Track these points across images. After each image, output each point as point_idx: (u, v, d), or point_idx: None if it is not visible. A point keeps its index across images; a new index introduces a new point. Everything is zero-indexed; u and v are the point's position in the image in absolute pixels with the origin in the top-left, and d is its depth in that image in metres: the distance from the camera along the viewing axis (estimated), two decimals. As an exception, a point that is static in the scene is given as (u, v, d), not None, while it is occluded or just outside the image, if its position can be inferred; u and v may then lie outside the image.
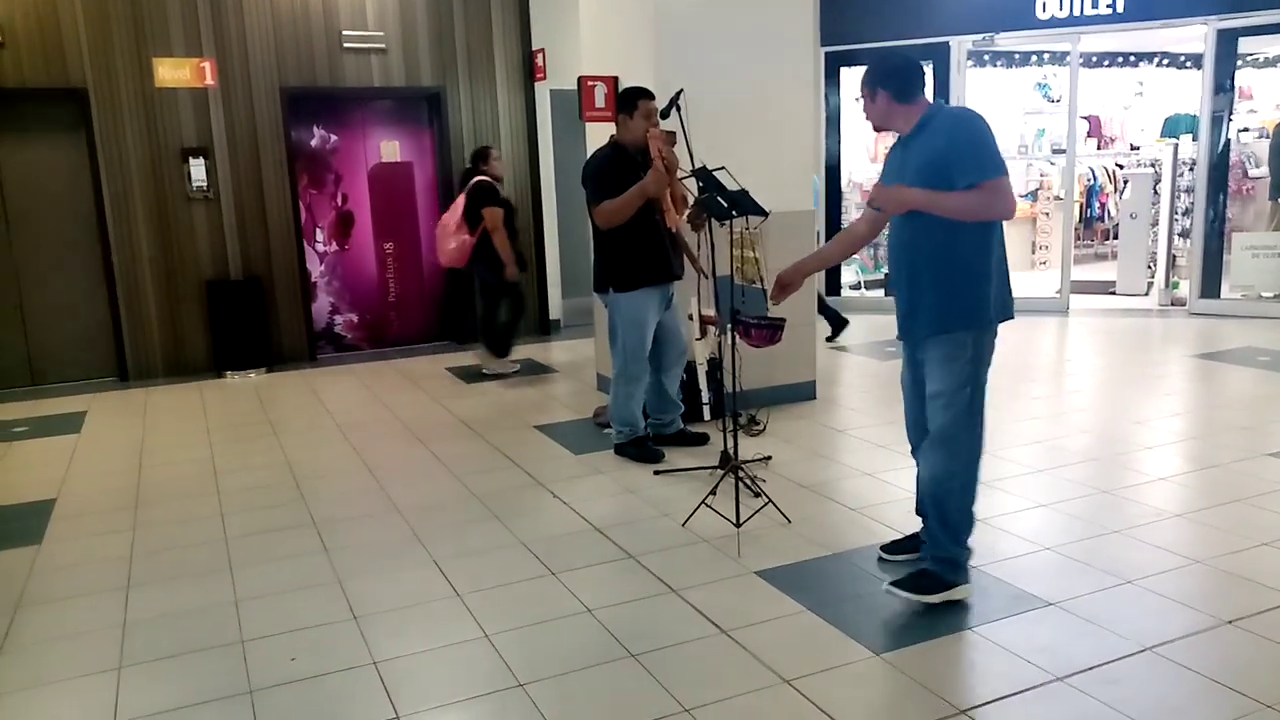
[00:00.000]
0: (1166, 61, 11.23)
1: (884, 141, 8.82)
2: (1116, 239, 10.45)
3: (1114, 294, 9.40)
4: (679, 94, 4.22)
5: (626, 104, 4.54)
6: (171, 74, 7.08)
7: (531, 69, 8.30)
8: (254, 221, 7.47)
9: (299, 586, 3.46)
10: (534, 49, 8.26)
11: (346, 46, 7.58)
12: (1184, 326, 7.86)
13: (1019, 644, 2.84)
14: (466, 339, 8.13)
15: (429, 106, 8.11)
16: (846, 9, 8.79)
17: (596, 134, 5.48)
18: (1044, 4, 8.34)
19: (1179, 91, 11.01)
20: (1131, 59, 11.15)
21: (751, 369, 4.66)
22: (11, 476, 5.03)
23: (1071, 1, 8.25)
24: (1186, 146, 9.10)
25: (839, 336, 7.64)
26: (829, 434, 5.18)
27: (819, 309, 6.95)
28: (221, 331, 7.35)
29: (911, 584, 3.09)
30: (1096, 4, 8.17)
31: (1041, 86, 11.01)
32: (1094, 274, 10.31)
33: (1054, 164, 10.77)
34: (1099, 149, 11.47)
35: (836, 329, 7.65)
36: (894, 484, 4.23)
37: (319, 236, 7.91)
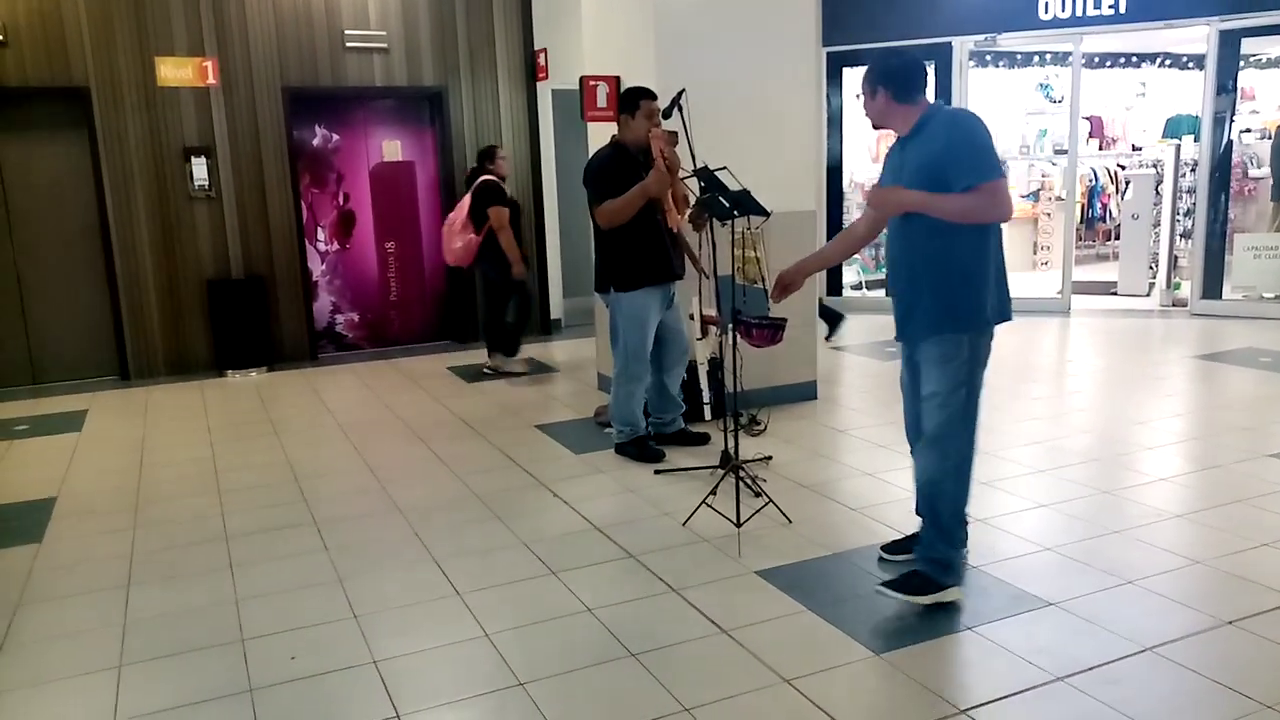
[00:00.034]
0: (1169, 62, 11.22)
1: (886, 141, 8.81)
2: (1118, 239, 10.44)
3: (1115, 294, 9.39)
4: (681, 94, 4.22)
5: (628, 104, 4.54)
6: (174, 73, 7.09)
7: (533, 69, 8.31)
8: (256, 221, 7.48)
9: (299, 585, 3.46)
10: (536, 49, 8.27)
11: (349, 46, 7.58)
12: (1185, 327, 7.85)
13: (1019, 644, 2.84)
14: (468, 338, 8.14)
15: (431, 106, 8.11)
16: (848, 9, 8.79)
17: (598, 134, 5.48)
18: (1046, 4, 8.33)
19: (1181, 92, 11.00)
20: (1134, 60, 11.14)
21: (752, 369, 4.66)
22: (12, 475, 5.03)
23: (1074, 2, 8.24)
24: (1188, 147, 9.10)
25: (835, 334, 7.64)
26: (830, 434, 5.18)
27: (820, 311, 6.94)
28: (223, 330, 7.36)
29: (902, 584, 3.09)
30: (1099, 4, 8.16)
31: (1044, 87, 11.00)
32: (1095, 274, 10.30)
33: (1056, 164, 10.77)
34: (1101, 150, 11.46)
35: (832, 326, 7.65)
36: (894, 484, 4.22)
37: (320, 236, 7.92)
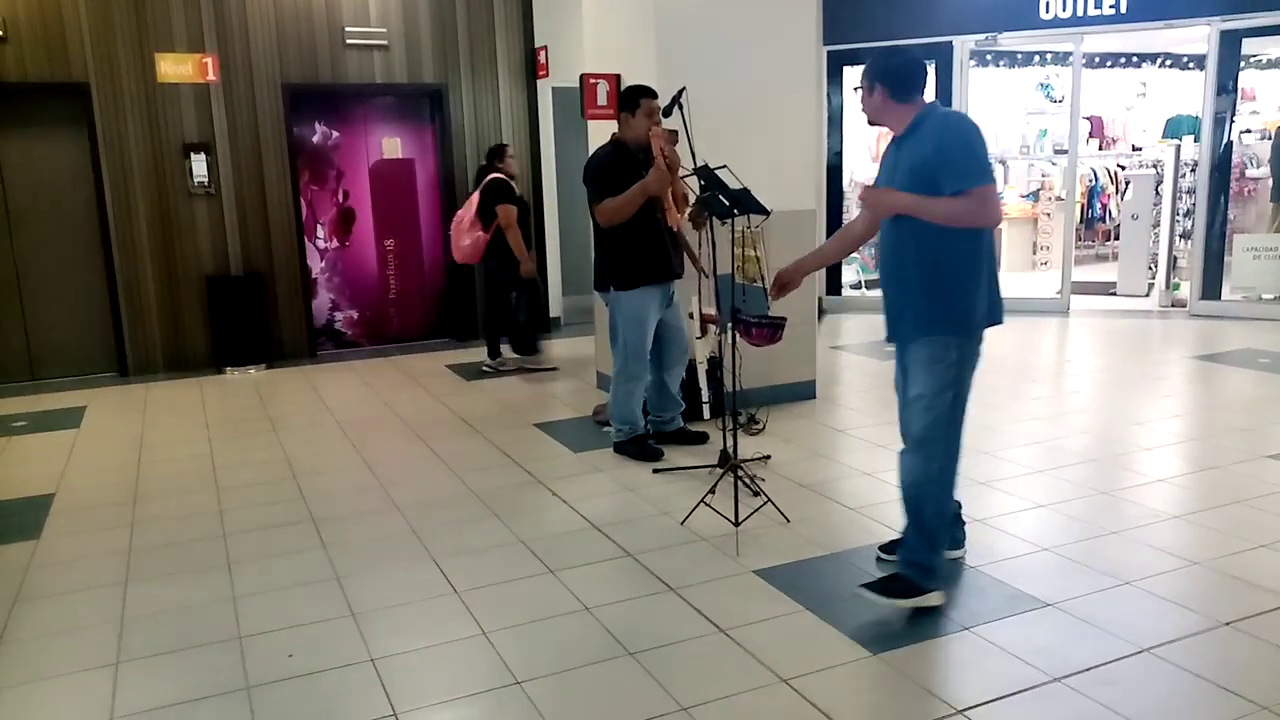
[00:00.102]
0: (1169, 62, 11.22)
1: (885, 140, 8.78)
2: (1117, 240, 10.45)
3: (1114, 295, 9.39)
4: (681, 92, 4.21)
5: (629, 102, 4.54)
6: (174, 69, 7.08)
7: (534, 66, 8.30)
8: (255, 217, 7.47)
9: (297, 583, 3.46)
10: (536, 46, 8.26)
11: (349, 43, 7.57)
12: (1184, 328, 7.85)
13: (1016, 644, 2.84)
14: (467, 336, 8.14)
15: (431, 103, 8.10)
16: (849, 8, 8.78)
17: (598, 132, 5.48)
18: (1047, 4, 8.33)
19: (1181, 92, 11.00)
20: (1134, 59, 11.14)
21: (751, 368, 4.66)
22: (11, 471, 5.03)
23: (1074, 2, 8.23)
24: (1188, 148, 9.10)
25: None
26: (828, 433, 5.18)
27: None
28: (222, 327, 7.35)
29: (883, 587, 3.06)
30: (1100, 4, 8.16)
31: (1044, 87, 11.00)
32: (1095, 275, 10.31)
33: (1056, 164, 10.77)
34: (1101, 150, 11.46)
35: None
36: (893, 484, 4.15)
37: (320, 233, 7.91)
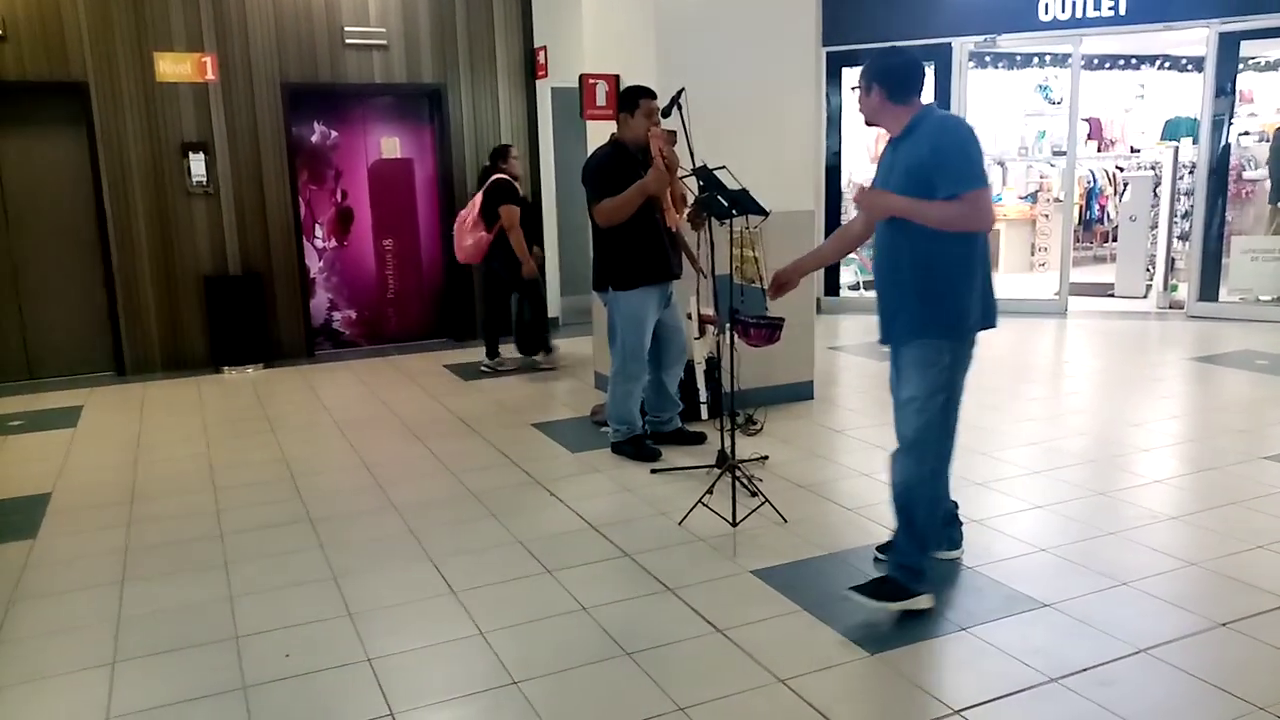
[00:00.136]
0: (1168, 64, 11.24)
1: (884, 141, 8.78)
2: (1116, 241, 10.46)
3: (1112, 296, 9.40)
4: (680, 93, 4.21)
5: (628, 102, 4.54)
6: (172, 68, 7.08)
7: (533, 66, 8.30)
8: (253, 217, 7.46)
9: (294, 583, 3.46)
10: (536, 46, 8.26)
11: (348, 42, 7.57)
12: (1182, 329, 7.86)
13: (1013, 645, 2.85)
14: (465, 336, 8.14)
15: (430, 103, 8.10)
16: (848, 9, 8.79)
17: (597, 132, 5.48)
18: (1046, 6, 8.34)
19: (1180, 94, 11.02)
20: (1133, 61, 11.15)
21: (749, 368, 4.66)
22: (7, 470, 5.02)
23: (1073, 3, 8.25)
24: (1187, 150, 9.11)
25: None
26: (826, 434, 5.18)
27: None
28: (220, 327, 7.35)
29: (872, 590, 3.05)
30: (1098, 6, 8.17)
31: (1043, 88, 11.01)
32: (1093, 276, 10.31)
33: (1054, 166, 10.77)
34: (1099, 151, 11.47)
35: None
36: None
37: (318, 232, 7.91)
